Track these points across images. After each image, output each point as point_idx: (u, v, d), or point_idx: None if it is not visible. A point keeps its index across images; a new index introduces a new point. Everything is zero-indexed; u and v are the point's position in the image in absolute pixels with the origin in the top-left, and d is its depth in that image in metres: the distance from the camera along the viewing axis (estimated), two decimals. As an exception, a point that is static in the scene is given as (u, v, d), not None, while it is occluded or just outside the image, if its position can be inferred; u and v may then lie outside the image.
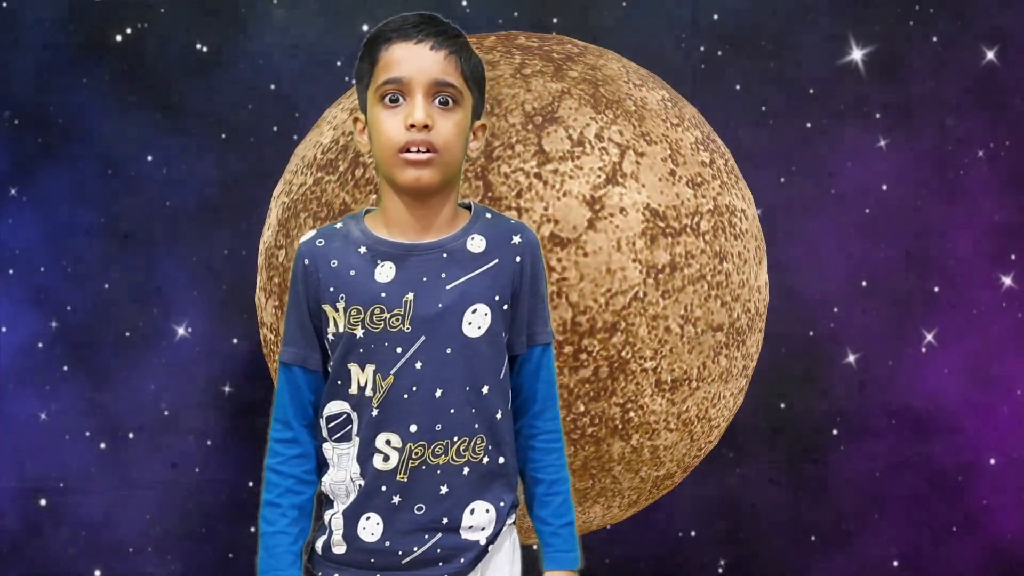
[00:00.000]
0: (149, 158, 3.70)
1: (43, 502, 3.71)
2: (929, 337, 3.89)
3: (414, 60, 1.81)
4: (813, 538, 3.87)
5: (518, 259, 1.89)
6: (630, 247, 2.55)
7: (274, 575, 1.86)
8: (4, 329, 3.70)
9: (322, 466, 1.91)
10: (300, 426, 1.90)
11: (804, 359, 3.85)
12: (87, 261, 3.70)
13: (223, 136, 3.71)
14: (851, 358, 3.86)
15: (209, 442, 3.73)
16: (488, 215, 1.93)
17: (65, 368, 3.71)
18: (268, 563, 1.87)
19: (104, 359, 3.71)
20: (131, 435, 3.73)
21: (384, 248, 1.86)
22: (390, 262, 1.85)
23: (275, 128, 3.71)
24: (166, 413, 3.73)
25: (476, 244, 1.87)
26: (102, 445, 3.73)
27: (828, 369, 3.87)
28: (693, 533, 3.84)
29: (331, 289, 1.85)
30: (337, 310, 1.85)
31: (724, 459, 3.73)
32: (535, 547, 1.95)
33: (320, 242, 1.89)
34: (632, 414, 2.61)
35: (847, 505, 3.88)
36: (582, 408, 2.58)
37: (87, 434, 3.72)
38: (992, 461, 3.91)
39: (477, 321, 1.84)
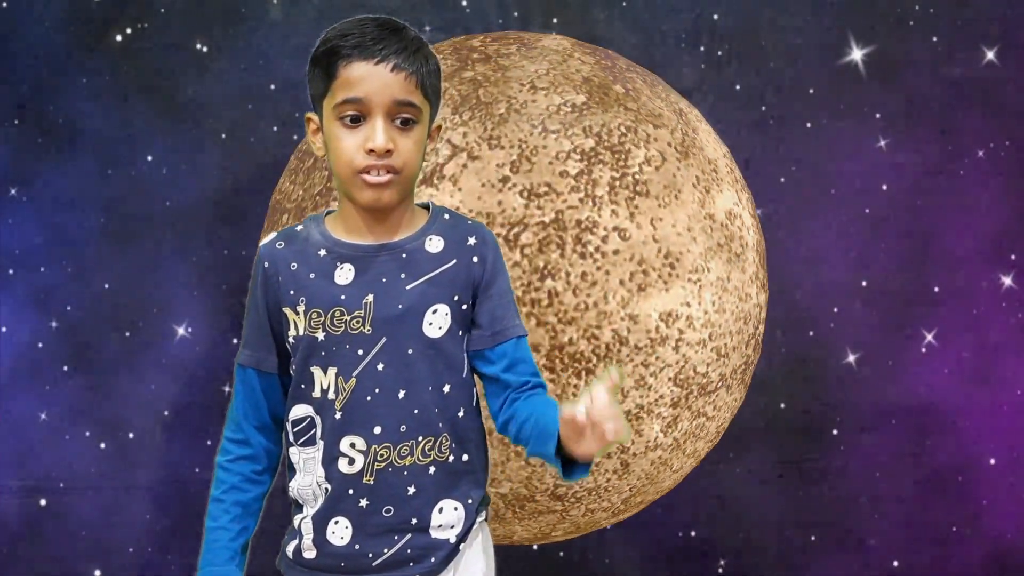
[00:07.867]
0: (149, 158, 3.70)
1: (43, 502, 3.71)
2: (929, 337, 3.88)
3: (374, 80, 1.77)
4: (813, 538, 3.87)
5: (475, 259, 1.87)
6: None
7: (209, 570, 1.88)
8: (4, 329, 3.70)
9: (289, 469, 1.90)
10: (250, 427, 1.93)
11: (804, 359, 3.84)
12: (87, 261, 3.70)
13: (223, 136, 3.71)
14: (851, 358, 3.86)
15: (209, 442, 3.72)
16: (446, 216, 1.92)
17: (65, 368, 3.70)
18: (205, 557, 1.89)
19: (104, 359, 3.71)
20: (131, 435, 3.73)
21: (343, 250, 1.85)
22: (349, 264, 1.84)
23: (275, 128, 3.70)
24: (166, 413, 3.73)
25: (434, 245, 1.87)
26: (102, 445, 3.73)
27: (828, 369, 3.86)
28: (693, 533, 3.84)
29: (291, 292, 1.85)
30: (297, 313, 1.84)
31: (724, 459, 3.72)
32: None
33: (280, 244, 1.89)
34: None
35: (847, 505, 3.87)
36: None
37: (87, 434, 3.72)
38: (992, 461, 3.91)
39: (438, 321, 1.84)
